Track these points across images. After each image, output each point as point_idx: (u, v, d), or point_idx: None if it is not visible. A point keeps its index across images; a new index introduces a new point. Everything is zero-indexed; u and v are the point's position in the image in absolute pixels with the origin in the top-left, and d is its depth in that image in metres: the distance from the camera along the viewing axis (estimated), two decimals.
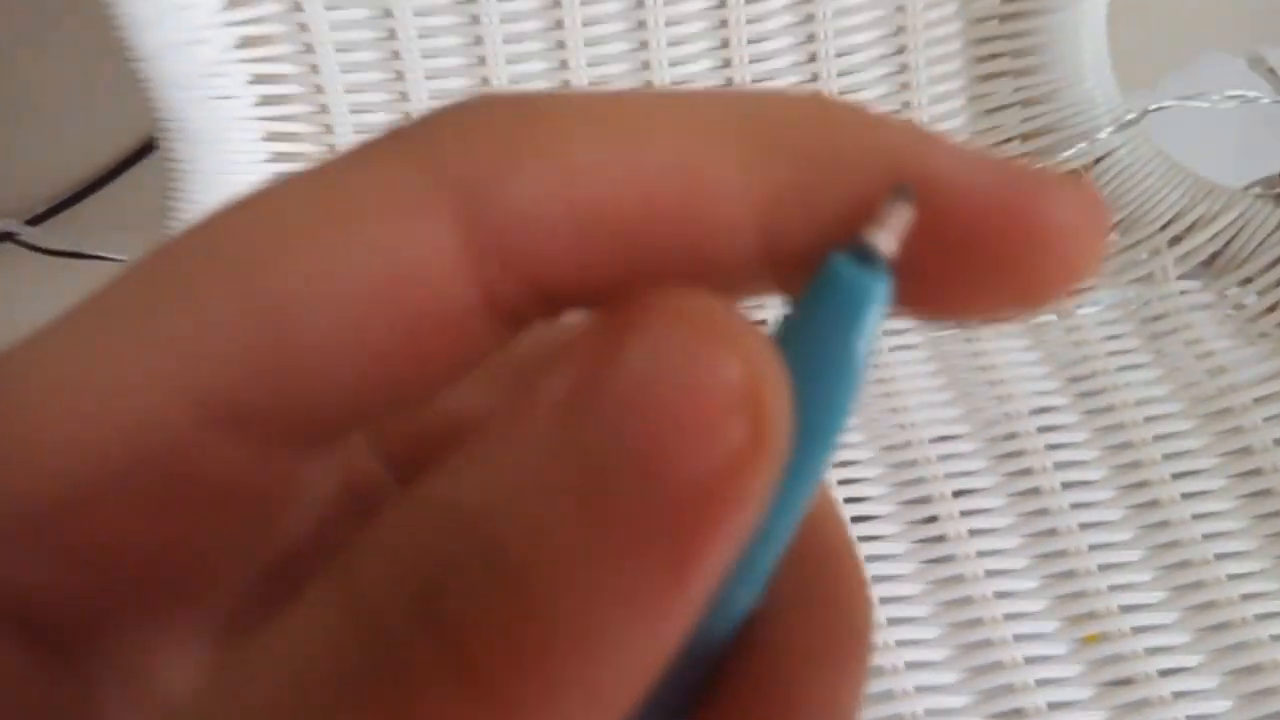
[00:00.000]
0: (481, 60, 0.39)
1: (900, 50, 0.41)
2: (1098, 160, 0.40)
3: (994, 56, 0.41)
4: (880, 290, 0.09)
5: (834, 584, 0.10)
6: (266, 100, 0.37)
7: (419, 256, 0.09)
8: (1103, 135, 0.40)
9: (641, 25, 0.39)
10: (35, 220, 0.57)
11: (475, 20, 0.38)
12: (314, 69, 0.37)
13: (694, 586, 0.07)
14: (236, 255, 0.09)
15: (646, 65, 0.40)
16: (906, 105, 0.41)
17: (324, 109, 0.38)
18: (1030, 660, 0.31)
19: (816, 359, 0.09)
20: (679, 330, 0.08)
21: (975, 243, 0.09)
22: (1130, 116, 0.40)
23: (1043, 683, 0.30)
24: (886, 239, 0.09)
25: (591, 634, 0.07)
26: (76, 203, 0.56)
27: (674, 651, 0.08)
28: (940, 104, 0.41)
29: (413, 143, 0.09)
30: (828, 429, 0.09)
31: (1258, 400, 0.35)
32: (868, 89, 0.41)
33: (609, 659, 0.07)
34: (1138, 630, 0.31)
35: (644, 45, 0.39)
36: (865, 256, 0.09)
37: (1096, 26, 0.40)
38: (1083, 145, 0.40)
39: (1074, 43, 0.40)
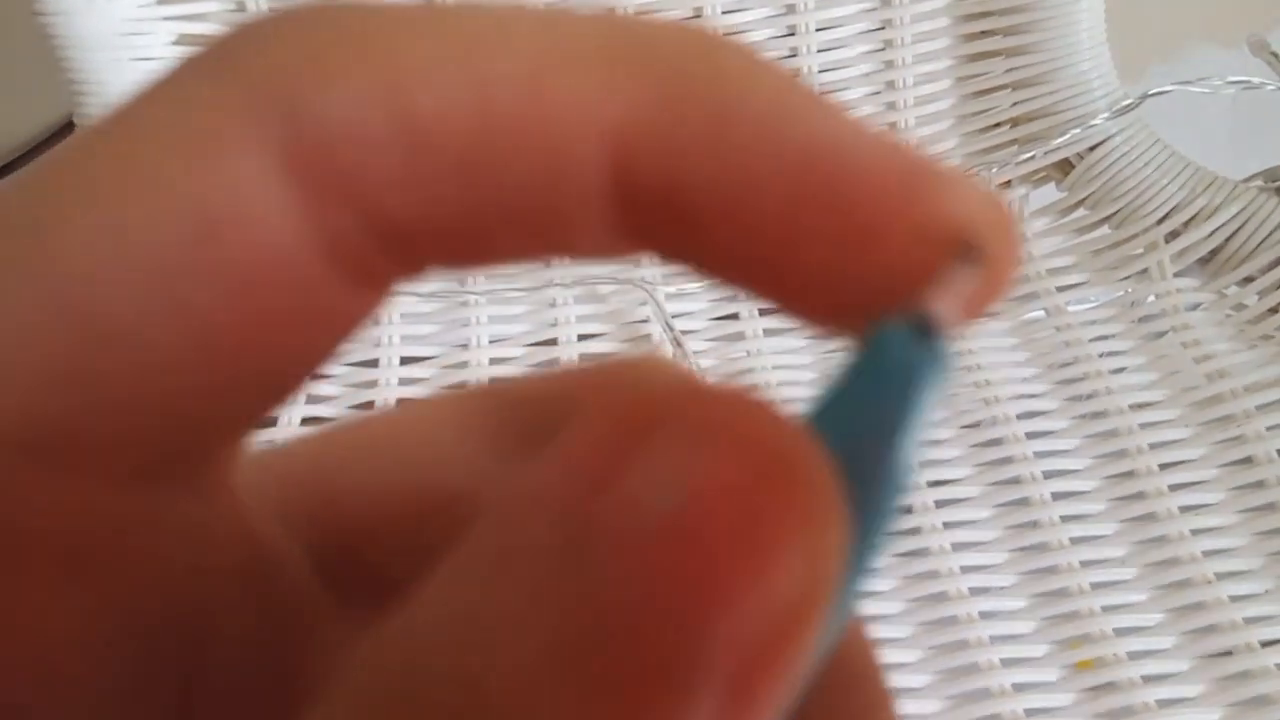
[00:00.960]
0: None
1: (883, 25, 0.38)
2: (1092, 148, 0.38)
3: (984, 34, 0.38)
4: (941, 372, 0.07)
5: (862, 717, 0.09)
6: None
7: (235, 196, 0.07)
8: (1098, 121, 0.37)
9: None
10: None
11: None
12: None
13: None
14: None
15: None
16: (890, 85, 0.38)
17: None
18: (1019, 688, 0.28)
19: (867, 457, 0.07)
20: (707, 437, 0.06)
21: (855, 227, 0.08)
22: (1127, 102, 0.38)
23: (1032, 713, 0.28)
24: (950, 309, 0.07)
25: None
26: None
27: None
28: (926, 84, 0.39)
29: (219, 61, 0.08)
30: (871, 542, 0.07)
31: (1260, 408, 0.33)
32: (850, 66, 0.38)
33: None
34: (1134, 656, 0.29)
35: None
36: (924, 329, 0.07)
37: (1094, 3, 0.38)
38: (1076, 131, 0.37)
39: (1069, 21, 0.37)
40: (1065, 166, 0.39)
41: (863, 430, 0.07)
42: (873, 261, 0.08)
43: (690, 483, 0.06)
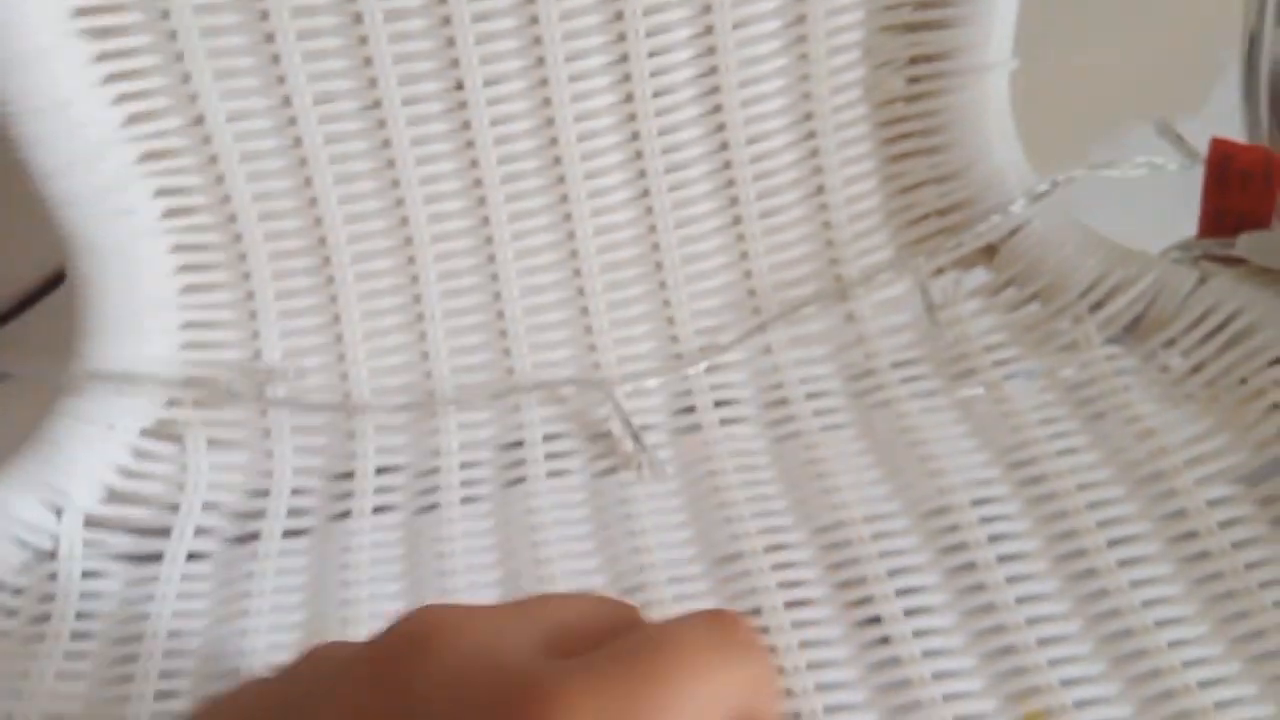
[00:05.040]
0: (395, 185, 0.39)
1: (810, 135, 0.41)
2: (1013, 232, 0.41)
3: (904, 137, 0.42)
4: None
5: None
6: (174, 212, 0.37)
7: None
8: (1016, 208, 0.40)
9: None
10: None
11: (387, 144, 0.39)
12: (220, 180, 0.37)
13: None
14: None
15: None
16: (821, 189, 0.41)
17: (233, 218, 0.38)
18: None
19: None
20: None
21: None
22: (1042, 188, 0.41)
23: None
24: None
25: None
26: None
27: None
28: (855, 184, 0.41)
29: None
30: None
31: (1188, 462, 0.34)
32: (780, 174, 0.41)
33: None
34: (1080, 704, 0.30)
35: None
36: None
37: (1000, 103, 0.41)
38: (996, 218, 0.40)
39: (979, 120, 0.41)
40: (991, 251, 0.41)
41: None
42: None
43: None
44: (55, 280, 0.54)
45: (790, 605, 0.33)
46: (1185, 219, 0.44)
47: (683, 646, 0.17)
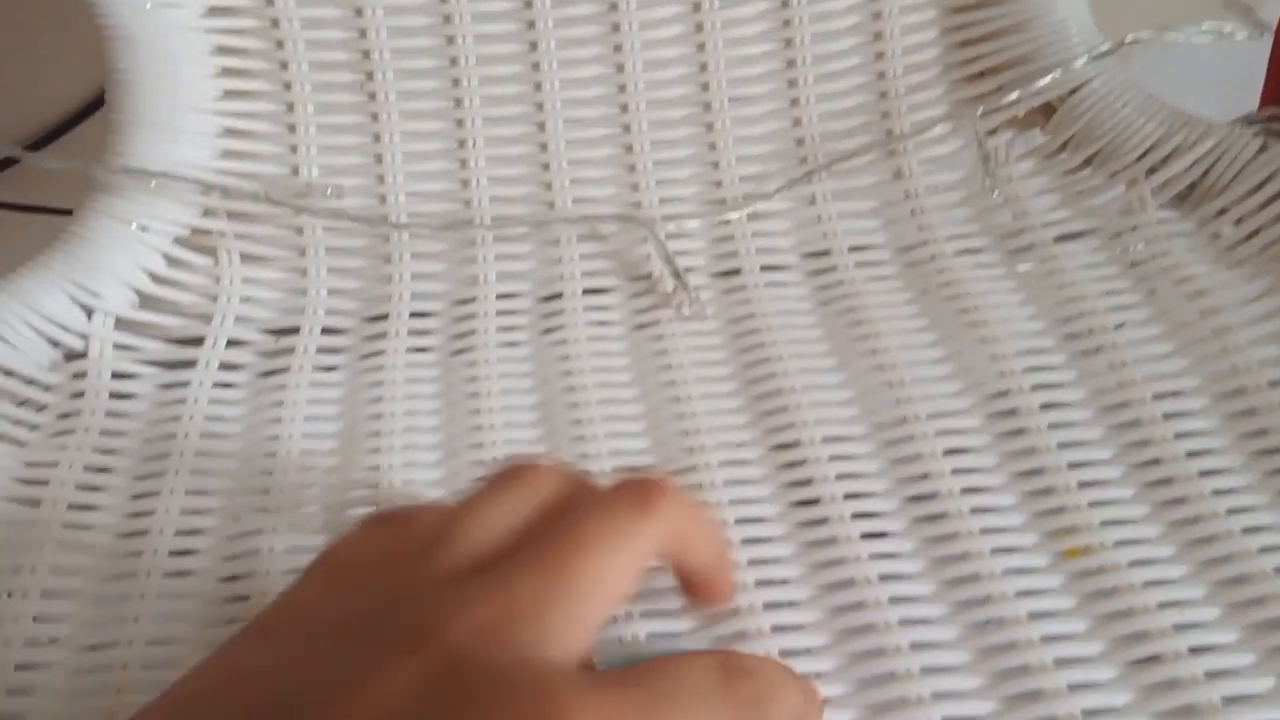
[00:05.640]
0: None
1: None
2: (1073, 91, 0.40)
3: None
4: None
5: None
6: (216, 10, 0.36)
7: None
8: (1077, 64, 0.39)
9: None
10: None
11: None
12: None
13: None
14: None
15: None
16: (878, 37, 0.40)
17: (275, 23, 0.37)
18: (1008, 571, 0.29)
19: None
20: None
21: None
22: (1105, 47, 0.39)
23: (1023, 594, 0.29)
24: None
25: None
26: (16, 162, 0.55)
27: None
28: (913, 34, 0.40)
29: None
30: None
31: (1239, 324, 0.34)
32: (837, 19, 0.40)
33: None
34: (1120, 544, 0.30)
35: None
36: None
37: None
38: (1056, 74, 0.39)
39: None
40: (1048, 112, 0.40)
41: None
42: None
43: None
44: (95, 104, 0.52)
45: (848, 498, 0.32)
46: (1249, 94, 0.43)
47: (696, 692, 0.19)
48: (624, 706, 0.18)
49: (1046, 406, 0.33)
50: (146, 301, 0.37)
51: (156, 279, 0.37)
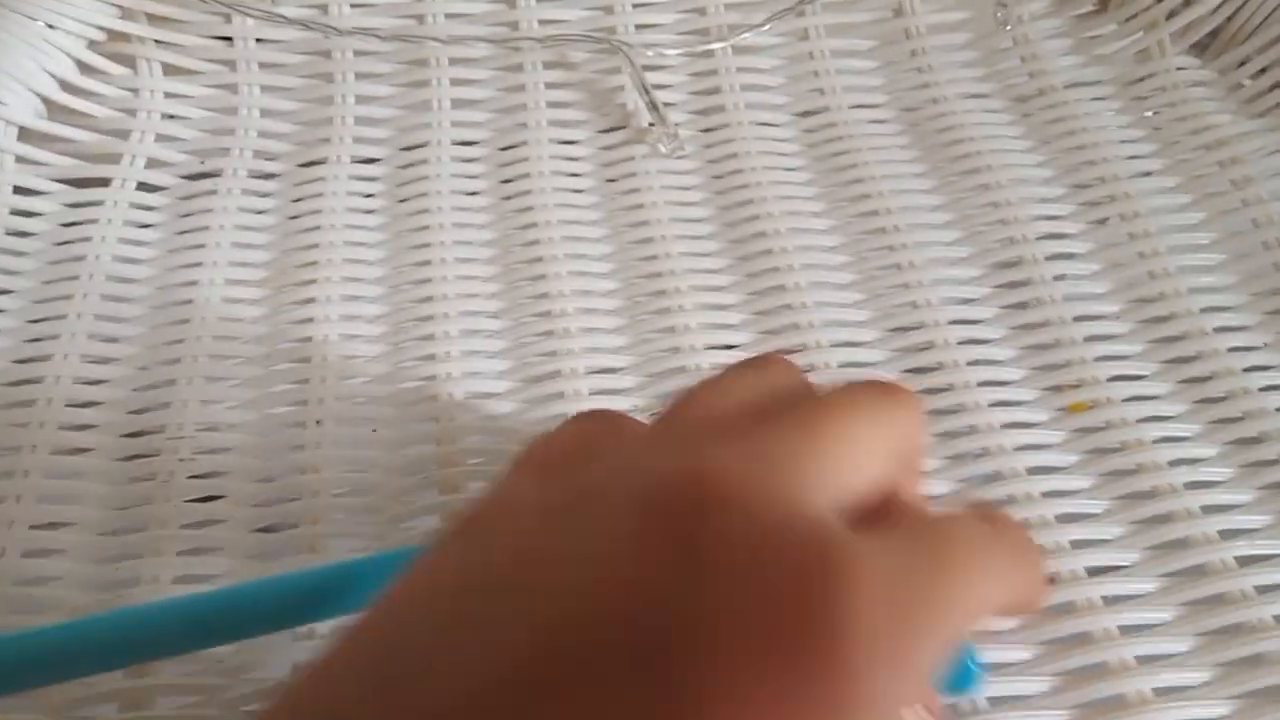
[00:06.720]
0: None
1: None
2: None
3: None
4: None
5: None
6: None
7: None
8: None
9: None
10: None
11: None
12: None
13: None
14: None
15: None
16: None
17: None
18: (1006, 425, 0.27)
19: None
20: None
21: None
22: None
23: (1025, 448, 0.26)
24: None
25: None
26: None
27: None
28: None
29: None
30: None
31: (1259, 174, 0.31)
32: None
33: None
34: (1127, 400, 0.27)
35: None
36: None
37: None
38: None
39: None
40: None
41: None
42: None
43: None
44: None
45: (819, 305, 0.29)
46: None
47: (972, 543, 0.17)
48: (909, 560, 0.16)
49: (1052, 257, 0.30)
50: (55, 111, 0.33)
51: (66, 86, 0.33)
